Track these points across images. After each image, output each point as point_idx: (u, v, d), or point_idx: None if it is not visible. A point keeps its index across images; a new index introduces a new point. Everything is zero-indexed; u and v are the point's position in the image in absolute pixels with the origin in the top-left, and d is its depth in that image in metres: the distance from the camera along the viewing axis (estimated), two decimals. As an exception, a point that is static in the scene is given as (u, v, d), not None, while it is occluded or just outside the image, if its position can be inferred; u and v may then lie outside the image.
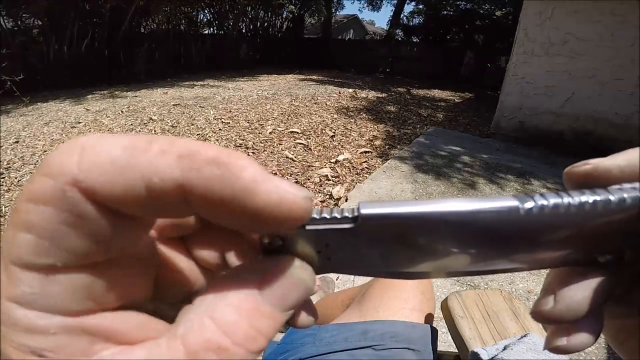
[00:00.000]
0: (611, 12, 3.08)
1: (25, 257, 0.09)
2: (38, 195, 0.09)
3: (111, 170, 0.09)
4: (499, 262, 0.13)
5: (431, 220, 0.12)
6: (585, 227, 0.12)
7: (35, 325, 0.09)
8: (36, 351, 0.09)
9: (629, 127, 3.23)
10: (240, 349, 0.10)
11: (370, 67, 10.14)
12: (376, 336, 0.52)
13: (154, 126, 3.18)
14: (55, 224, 0.09)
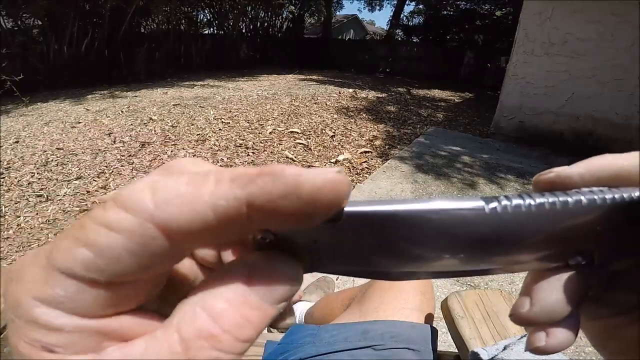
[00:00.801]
0: (611, 12, 3.08)
1: (76, 268, 0.10)
2: (113, 224, 0.10)
3: (181, 203, 0.10)
4: (475, 262, 0.14)
5: (405, 218, 0.12)
6: (549, 228, 0.13)
7: (52, 323, 0.10)
8: (47, 346, 0.10)
9: (629, 127, 3.23)
10: (229, 337, 0.11)
11: (370, 67, 10.14)
12: (376, 336, 0.52)
13: (154, 126, 3.18)
14: (119, 250, 0.10)
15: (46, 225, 1.66)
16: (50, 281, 0.10)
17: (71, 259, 0.10)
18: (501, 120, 3.84)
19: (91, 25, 5.65)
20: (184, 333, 0.10)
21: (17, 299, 0.10)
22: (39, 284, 0.10)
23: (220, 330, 0.11)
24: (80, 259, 0.10)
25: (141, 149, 2.64)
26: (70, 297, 0.10)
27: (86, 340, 0.10)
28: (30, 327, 0.10)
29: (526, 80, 3.62)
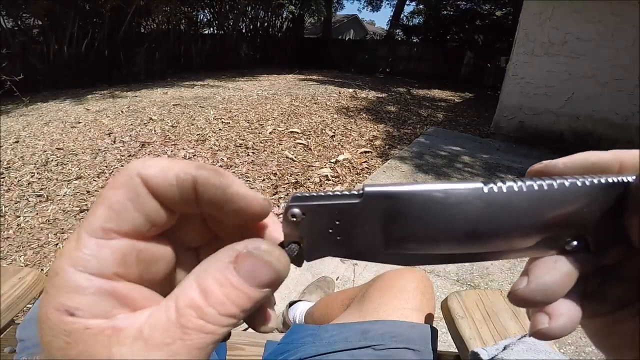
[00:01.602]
0: (611, 12, 3.08)
1: (96, 223, 0.13)
2: (115, 183, 0.14)
3: (160, 169, 0.14)
4: (477, 244, 0.15)
5: (416, 197, 0.14)
6: (540, 210, 0.15)
7: (80, 285, 0.13)
8: (70, 309, 0.12)
9: (629, 127, 3.23)
10: (213, 310, 0.13)
11: (370, 67, 10.14)
12: (376, 336, 0.52)
13: (154, 126, 3.18)
14: (121, 200, 0.13)
15: (46, 225, 1.66)
16: (79, 244, 0.13)
17: (94, 219, 0.13)
18: (501, 120, 3.84)
19: (91, 25, 5.65)
20: (179, 302, 0.13)
21: (55, 270, 0.13)
22: (72, 251, 0.13)
23: (206, 304, 0.13)
24: (98, 214, 0.13)
25: (141, 149, 2.64)
26: (93, 253, 0.13)
27: (101, 303, 0.13)
28: (60, 293, 0.12)
29: (526, 80, 3.61)
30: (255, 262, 0.14)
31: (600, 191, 0.14)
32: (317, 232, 0.15)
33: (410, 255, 0.15)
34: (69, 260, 0.13)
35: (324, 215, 0.14)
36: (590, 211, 0.15)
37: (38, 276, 0.57)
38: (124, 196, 0.14)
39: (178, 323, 0.12)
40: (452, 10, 11.19)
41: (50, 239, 1.57)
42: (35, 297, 0.55)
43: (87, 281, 0.13)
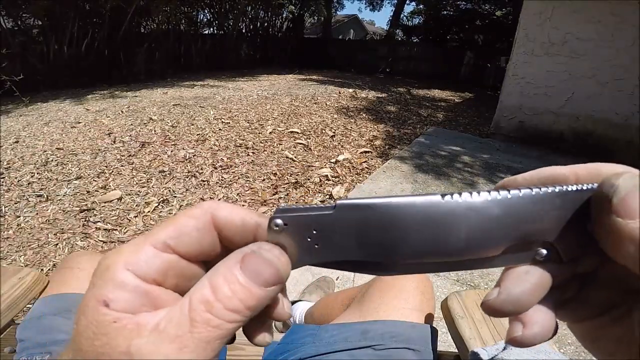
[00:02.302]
0: (611, 12, 3.08)
1: (161, 237, 0.16)
2: (190, 213, 0.17)
3: (229, 212, 0.17)
4: (443, 253, 0.16)
5: (379, 208, 0.15)
6: (504, 220, 0.15)
7: (123, 281, 0.15)
8: (107, 300, 0.14)
9: (629, 127, 3.23)
10: (220, 305, 0.14)
11: (370, 67, 10.14)
12: (376, 336, 0.52)
13: (154, 126, 3.18)
14: (190, 228, 0.16)
15: (46, 225, 1.66)
16: (138, 249, 0.15)
17: (161, 233, 0.16)
18: (501, 120, 3.84)
19: (91, 25, 5.65)
20: (192, 298, 0.14)
21: (107, 265, 0.15)
22: (129, 253, 0.15)
23: (215, 298, 0.14)
24: (166, 231, 0.16)
25: (141, 149, 2.64)
26: (145, 259, 0.15)
27: (134, 300, 0.14)
28: (105, 286, 0.14)
29: (526, 80, 3.62)
30: (258, 261, 0.15)
31: (562, 200, 0.15)
32: (297, 240, 0.16)
33: (382, 264, 0.16)
34: (122, 259, 0.15)
35: (302, 225, 0.16)
36: (554, 220, 0.15)
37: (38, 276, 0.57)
38: (193, 225, 0.16)
39: (189, 317, 0.14)
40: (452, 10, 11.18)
41: (50, 239, 1.57)
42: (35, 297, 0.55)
43: (130, 279, 0.15)
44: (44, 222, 1.68)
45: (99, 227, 1.66)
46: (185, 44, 7.73)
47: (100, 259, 0.16)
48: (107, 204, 1.87)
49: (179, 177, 2.22)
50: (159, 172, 2.28)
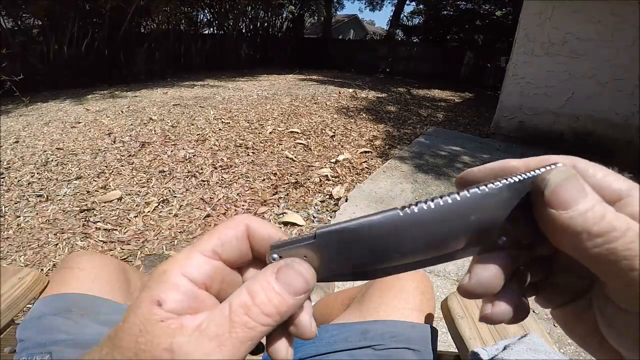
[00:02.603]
0: (611, 12, 3.08)
1: (209, 246, 0.18)
2: (229, 224, 0.20)
3: (260, 225, 0.20)
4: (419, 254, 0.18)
5: (353, 230, 0.18)
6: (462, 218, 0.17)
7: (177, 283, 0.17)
8: (161, 300, 0.16)
9: (629, 127, 3.23)
10: (257, 309, 0.16)
11: (370, 67, 10.14)
12: (376, 336, 0.52)
13: (154, 126, 3.18)
14: (230, 236, 0.19)
15: (46, 225, 1.66)
16: (190, 256, 0.18)
17: (208, 242, 0.18)
18: (501, 120, 3.84)
19: (91, 25, 5.65)
20: (232, 303, 0.16)
21: (164, 269, 0.17)
22: (183, 259, 0.18)
23: (252, 303, 0.16)
24: (211, 241, 0.18)
25: (141, 149, 2.64)
26: (198, 266, 0.17)
27: (183, 302, 0.16)
28: (160, 287, 0.16)
29: (526, 80, 3.62)
30: (291, 273, 0.18)
31: (508, 191, 0.17)
32: None
33: (370, 271, 0.19)
34: (177, 265, 0.17)
35: (293, 255, 0.19)
36: (505, 210, 0.17)
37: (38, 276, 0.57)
38: (232, 234, 0.19)
39: (229, 318, 0.16)
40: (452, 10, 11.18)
41: (50, 239, 1.57)
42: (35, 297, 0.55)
43: (184, 283, 0.17)
44: (44, 222, 1.68)
45: (99, 227, 1.66)
46: (185, 44, 7.73)
47: (158, 266, 0.18)
48: (107, 204, 1.87)
49: (179, 177, 2.22)
50: (159, 172, 2.28)
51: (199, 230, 1.69)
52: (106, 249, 1.52)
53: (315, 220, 1.85)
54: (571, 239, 0.15)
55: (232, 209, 1.90)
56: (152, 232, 1.65)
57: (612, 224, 0.14)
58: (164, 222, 1.73)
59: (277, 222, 1.79)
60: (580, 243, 0.15)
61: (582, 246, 0.15)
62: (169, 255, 1.51)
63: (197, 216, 1.80)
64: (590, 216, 0.15)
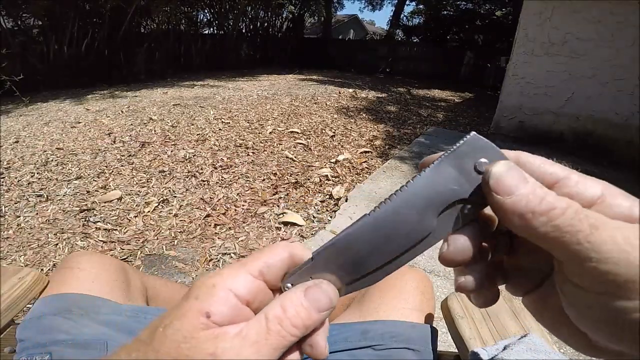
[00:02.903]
0: (611, 12, 3.08)
1: (256, 267, 0.20)
2: (275, 249, 0.21)
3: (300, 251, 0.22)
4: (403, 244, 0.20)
5: (340, 243, 0.20)
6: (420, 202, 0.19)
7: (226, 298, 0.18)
8: (210, 312, 0.18)
9: (629, 127, 3.23)
10: (288, 321, 0.18)
11: (370, 67, 10.14)
12: (376, 336, 0.52)
13: (154, 126, 3.18)
14: (275, 260, 0.21)
15: (46, 225, 1.66)
16: (238, 274, 0.20)
17: (256, 264, 0.20)
18: (501, 120, 3.84)
19: (91, 25, 5.65)
20: (268, 314, 0.18)
21: (214, 283, 0.19)
22: (231, 276, 0.19)
23: (284, 316, 0.18)
24: (258, 262, 0.20)
25: (141, 149, 2.64)
26: (245, 284, 0.19)
27: (228, 315, 0.18)
28: (209, 300, 0.18)
29: (526, 80, 3.62)
30: (318, 291, 0.20)
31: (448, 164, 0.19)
32: None
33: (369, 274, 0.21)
34: (226, 281, 0.19)
35: (301, 279, 0.21)
36: (455, 181, 0.19)
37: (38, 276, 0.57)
38: (278, 259, 0.21)
39: (266, 327, 0.18)
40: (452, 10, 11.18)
41: (50, 239, 1.57)
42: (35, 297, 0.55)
43: (231, 298, 0.19)
44: (44, 222, 1.68)
45: (99, 227, 1.66)
46: (185, 44, 7.73)
47: (204, 278, 0.20)
48: (107, 204, 1.87)
49: (179, 177, 2.22)
50: (159, 172, 2.28)
51: (198, 230, 1.69)
52: (106, 249, 1.52)
53: (315, 220, 1.85)
54: (519, 220, 0.17)
55: (232, 209, 1.90)
56: (152, 232, 1.65)
57: (553, 203, 0.16)
58: (164, 222, 1.73)
59: (277, 222, 1.79)
60: (527, 223, 0.17)
61: (530, 225, 0.17)
62: (169, 255, 1.51)
63: (197, 216, 1.80)
64: (532, 198, 0.17)
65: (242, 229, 1.73)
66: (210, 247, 1.57)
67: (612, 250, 0.15)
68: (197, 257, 1.51)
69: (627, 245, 0.15)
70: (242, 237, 1.66)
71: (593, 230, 0.15)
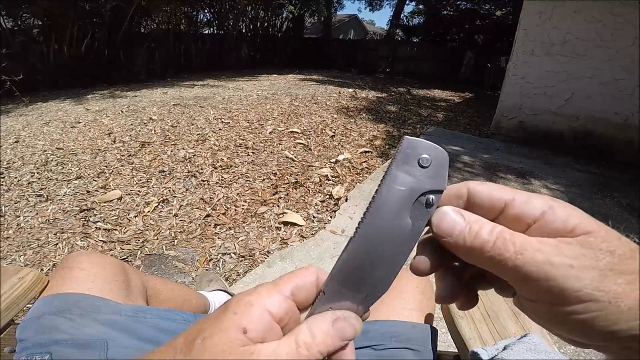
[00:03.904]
0: (611, 12, 3.08)
1: (288, 288, 0.22)
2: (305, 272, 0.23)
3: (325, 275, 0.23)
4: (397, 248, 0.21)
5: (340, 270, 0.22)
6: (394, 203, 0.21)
7: (262, 317, 0.20)
8: (247, 329, 0.19)
9: (629, 127, 3.23)
10: (315, 347, 0.20)
11: (370, 67, 10.14)
12: (376, 336, 0.52)
13: (153, 126, 3.18)
14: (305, 282, 0.22)
15: (46, 225, 1.66)
16: (272, 294, 0.21)
17: (287, 286, 0.22)
18: (501, 120, 3.84)
19: (91, 25, 5.65)
20: (299, 341, 0.20)
21: (251, 302, 0.20)
22: (267, 297, 0.21)
23: (313, 343, 0.20)
24: (290, 284, 0.22)
25: (141, 149, 2.64)
26: (279, 305, 0.21)
27: (263, 332, 0.19)
28: (247, 317, 0.19)
29: (526, 80, 3.62)
30: (345, 324, 0.21)
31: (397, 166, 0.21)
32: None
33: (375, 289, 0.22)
34: (263, 299, 0.20)
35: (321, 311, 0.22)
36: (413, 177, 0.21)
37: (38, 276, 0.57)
38: (308, 281, 0.22)
39: (296, 351, 0.19)
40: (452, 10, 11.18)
41: (50, 239, 1.57)
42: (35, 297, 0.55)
43: (266, 317, 0.20)
44: (44, 222, 1.68)
45: (99, 227, 1.66)
46: (185, 44, 7.72)
47: (241, 295, 0.21)
48: (107, 204, 1.87)
49: (179, 177, 2.22)
50: (159, 172, 2.28)
51: (198, 230, 1.69)
52: (106, 249, 1.52)
53: (315, 220, 1.85)
54: (461, 254, 0.21)
55: (232, 209, 1.90)
56: (152, 232, 1.65)
57: (484, 237, 0.20)
58: (164, 222, 1.73)
59: (277, 222, 1.79)
60: (467, 256, 0.20)
61: (470, 257, 0.20)
62: (169, 255, 1.51)
63: (197, 216, 1.80)
64: (467, 236, 0.20)
65: (242, 229, 1.73)
66: (210, 247, 1.57)
67: (535, 271, 0.18)
68: (197, 257, 1.51)
69: (546, 264, 0.18)
70: (242, 237, 1.66)
71: (518, 256, 0.19)
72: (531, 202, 0.20)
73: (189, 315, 0.59)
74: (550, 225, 0.19)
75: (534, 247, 0.19)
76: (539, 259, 0.18)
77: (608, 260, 0.18)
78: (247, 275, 1.41)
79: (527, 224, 0.20)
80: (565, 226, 0.19)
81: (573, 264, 0.18)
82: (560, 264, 0.18)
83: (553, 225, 0.19)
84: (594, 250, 0.18)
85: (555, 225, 0.19)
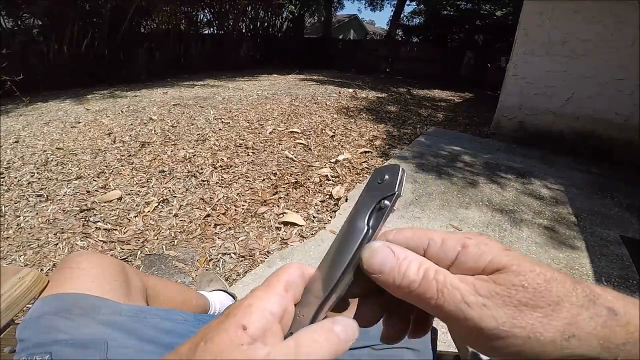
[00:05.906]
0: (611, 12, 3.08)
1: (280, 286, 0.22)
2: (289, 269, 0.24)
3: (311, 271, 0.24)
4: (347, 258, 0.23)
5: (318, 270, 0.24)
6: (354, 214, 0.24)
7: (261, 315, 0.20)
8: (246, 325, 0.19)
9: (629, 127, 3.23)
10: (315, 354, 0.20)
11: (370, 67, 10.14)
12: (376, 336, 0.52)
13: (153, 126, 3.18)
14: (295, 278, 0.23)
15: (46, 225, 1.66)
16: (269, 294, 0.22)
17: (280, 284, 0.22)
18: (501, 120, 3.84)
19: (91, 25, 5.64)
20: (299, 340, 0.20)
21: (250, 303, 0.20)
22: (263, 297, 0.21)
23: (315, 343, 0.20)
24: (281, 283, 0.22)
25: (141, 149, 2.64)
26: (277, 303, 0.21)
27: (262, 329, 0.19)
28: (246, 316, 0.20)
29: (526, 80, 3.61)
30: (346, 323, 0.21)
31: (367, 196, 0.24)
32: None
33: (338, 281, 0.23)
34: (261, 300, 0.21)
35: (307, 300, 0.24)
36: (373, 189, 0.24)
37: (38, 276, 0.57)
38: (296, 275, 0.23)
39: (294, 351, 0.19)
40: (452, 10, 11.18)
41: (50, 239, 1.57)
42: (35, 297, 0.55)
43: (266, 314, 0.20)
44: (44, 222, 1.68)
45: (99, 227, 1.66)
46: (185, 44, 7.72)
47: (238, 302, 0.21)
48: (107, 204, 1.87)
49: (179, 177, 2.22)
50: (159, 172, 2.28)
51: (198, 230, 1.69)
52: (106, 249, 1.52)
53: (315, 220, 1.85)
54: (392, 291, 0.21)
55: (232, 209, 1.90)
56: (152, 232, 1.65)
57: (411, 277, 0.20)
58: (164, 222, 1.73)
59: (277, 222, 1.79)
60: (397, 293, 0.21)
61: (399, 295, 0.21)
62: (169, 255, 1.51)
63: (197, 216, 1.80)
64: (396, 275, 0.21)
65: (242, 229, 1.73)
66: (210, 247, 1.57)
67: (454, 310, 0.19)
68: (197, 257, 1.51)
69: (462, 304, 0.19)
70: (242, 237, 1.66)
71: (440, 295, 0.19)
72: (445, 245, 0.21)
73: (189, 316, 0.59)
74: (464, 265, 0.20)
75: (454, 286, 0.19)
76: (457, 298, 0.19)
77: (522, 295, 0.18)
78: (247, 275, 1.41)
79: (447, 265, 0.21)
80: (478, 265, 0.20)
81: (486, 303, 0.18)
82: (474, 304, 0.18)
83: (467, 265, 0.20)
84: (507, 287, 0.18)
85: (470, 265, 0.20)
